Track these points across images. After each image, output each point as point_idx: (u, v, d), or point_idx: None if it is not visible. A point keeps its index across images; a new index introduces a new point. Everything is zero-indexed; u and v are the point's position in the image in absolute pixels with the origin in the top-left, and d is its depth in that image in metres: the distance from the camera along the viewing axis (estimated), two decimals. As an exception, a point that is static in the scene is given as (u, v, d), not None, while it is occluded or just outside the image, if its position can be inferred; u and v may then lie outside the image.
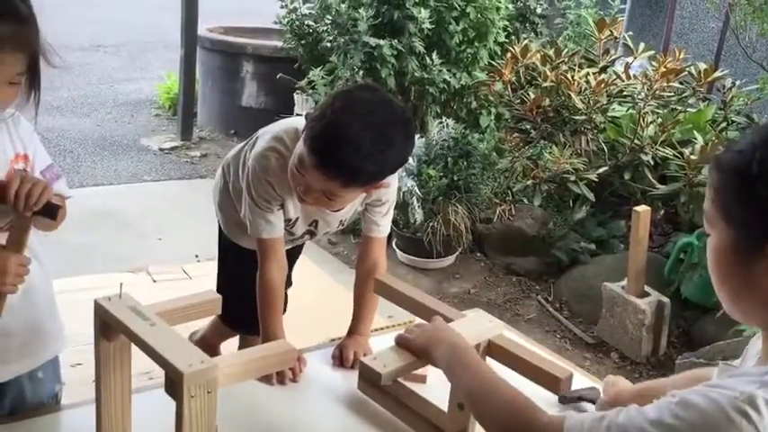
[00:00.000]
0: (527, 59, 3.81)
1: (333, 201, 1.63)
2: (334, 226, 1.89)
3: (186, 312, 1.30)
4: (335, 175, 1.53)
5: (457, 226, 3.75)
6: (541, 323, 3.53)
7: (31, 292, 1.45)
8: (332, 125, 1.50)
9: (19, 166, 1.41)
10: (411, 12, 4.31)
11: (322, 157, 1.51)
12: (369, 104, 1.55)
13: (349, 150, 1.49)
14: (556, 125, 3.73)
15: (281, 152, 1.68)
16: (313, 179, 1.56)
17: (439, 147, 3.91)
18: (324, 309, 3.16)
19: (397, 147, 1.56)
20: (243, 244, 2.00)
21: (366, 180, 1.59)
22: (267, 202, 1.71)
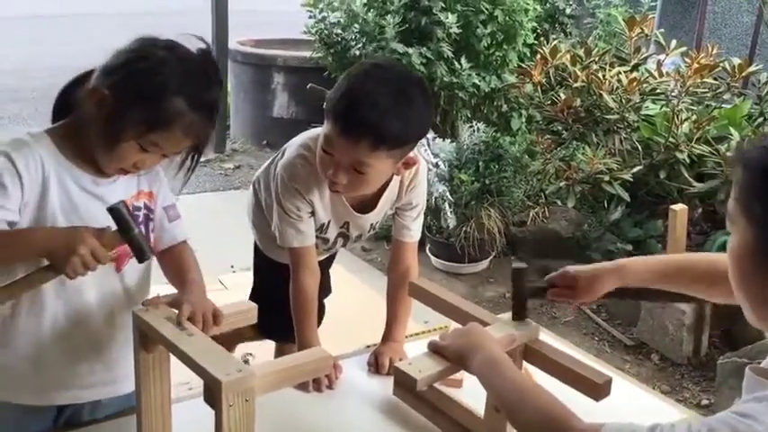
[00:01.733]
0: (557, 60, 3.78)
1: (364, 175, 1.58)
2: (366, 229, 1.88)
3: (226, 321, 1.31)
4: (360, 137, 1.51)
5: (490, 230, 3.74)
6: (579, 326, 3.49)
7: (108, 320, 1.46)
8: (349, 90, 1.53)
9: (139, 203, 1.45)
10: (438, 17, 4.31)
11: (343, 120, 1.52)
12: (381, 68, 1.60)
13: (369, 108, 1.50)
14: (588, 125, 3.69)
15: (307, 158, 1.69)
16: (341, 152, 1.55)
17: (470, 151, 3.90)
18: (358, 315, 3.17)
19: (417, 105, 1.55)
20: (278, 259, 2.00)
21: (392, 140, 1.54)
22: (297, 210, 1.71)
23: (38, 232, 1.30)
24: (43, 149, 1.34)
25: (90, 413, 1.53)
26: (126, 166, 1.36)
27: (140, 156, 1.34)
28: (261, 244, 2.09)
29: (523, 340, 1.35)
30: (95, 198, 1.38)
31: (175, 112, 1.30)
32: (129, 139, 1.31)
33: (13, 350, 1.40)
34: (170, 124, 1.30)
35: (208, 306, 1.34)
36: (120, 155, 1.33)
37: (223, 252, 3.69)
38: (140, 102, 1.29)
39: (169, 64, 1.31)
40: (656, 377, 3.10)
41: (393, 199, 1.79)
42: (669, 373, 3.12)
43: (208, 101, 1.35)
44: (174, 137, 1.33)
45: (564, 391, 1.35)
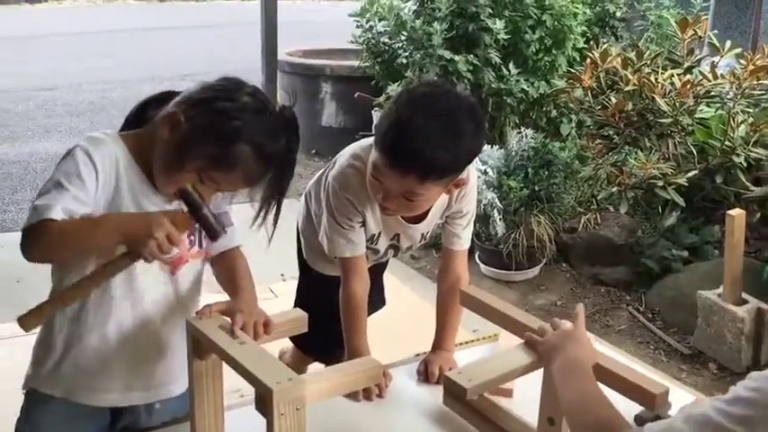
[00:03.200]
0: (607, 64, 3.72)
1: (414, 202, 1.59)
2: (417, 239, 1.88)
3: (276, 330, 1.32)
4: (409, 170, 1.51)
5: (540, 237, 3.69)
6: (633, 334, 3.42)
7: (166, 322, 1.49)
8: (397, 121, 1.51)
9: None
10: (486, 23, 4.29)
11: (392, 152, 1.51)
12: (431, 96, 1.56)
13: (418, 141, 1.48)
14: (640, 130, 3.62)
15: (358, 168, 1.69)
16: (390, 181, 1.55)
17: (518, 157, 3.86)
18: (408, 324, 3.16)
19: (467, 134, 1.53)
20: (323, 271, 2.01)
21: (442, 171, 1.54)
22: (349, 221, 1.71)
23: (115, 217, 1.34)
24: (118, 150, 1.39)
25: (146, 419, 1.55)
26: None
27: (195, 184, 1.38)
28: (307, 256, 2.09)
29: (576, 349, 1.33)
30: (152, 202, 1.42)
31: (241, 158, 1.35)
32: (191, 170, 1.36)
33: (83, 347, 1.44)
34: (233, 167, 1.36)
35: (259, 315, 1.36)
36: (178, 181, 1.37)
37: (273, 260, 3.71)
38: (213, 139, 1.35)
39: (250, 112, 1.37)
40: (715, 387, 3.01)
41: (443, 208, 1.78)
42: (728, 382, 3.02)
43: (274, 153, 1.39)
44: (233, 179, 1.38)
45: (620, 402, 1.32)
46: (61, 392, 1.47)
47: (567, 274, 3.96)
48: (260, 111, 1.38)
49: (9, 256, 3.69)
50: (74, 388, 1.47)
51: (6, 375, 1.88)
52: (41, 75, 8.89)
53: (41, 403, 1.49)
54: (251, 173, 1.38)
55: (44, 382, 1.48)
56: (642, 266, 3.71)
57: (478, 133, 1.58)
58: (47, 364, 1.47)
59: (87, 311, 1.43)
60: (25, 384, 1.51)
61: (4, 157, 5.86)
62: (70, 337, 1.44)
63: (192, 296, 1.54)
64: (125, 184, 1.38)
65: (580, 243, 3.95)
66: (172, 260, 1.43)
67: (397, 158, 1.51)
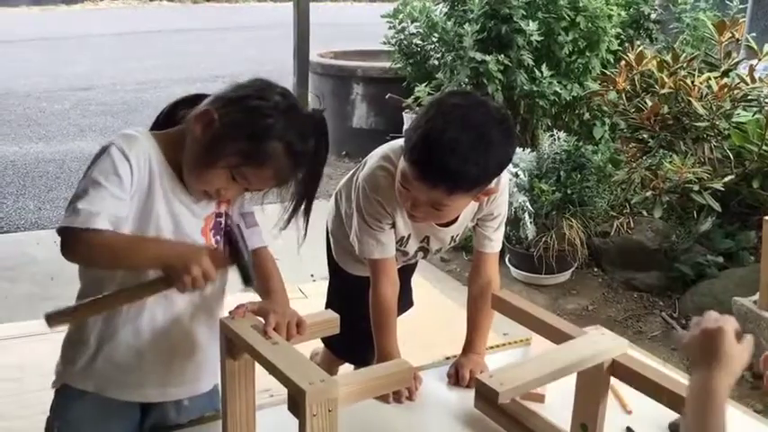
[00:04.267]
0: (642, 66, 3.67)
1: (442, 212, 1.60)
2: (447, 242, 1.87)
3: (308, 330, 1.33)
4: (438, 183, 1.51)
5: (572, 240, 3.66)
6: (667, 340, 3.37)
7: (194, 319, 1.50)
8: (427, 133, 1.50)
9: (221, 210, 1.50)
10: (519, 25, 4.26)
11: (421, 166, 1.51)
12: (461, 108, 1.53)
13: (446, 154, 1.47)
14: (676, 133, 3.57)
15: (388, 170, 1.69)
16: (418, 192, 1.55)
17: (551, 160, 3.83)
18: (438, 326, 3.15)
19: (497, 146, 1.52)
20: (353, 271, 2.01)
21: (470, 184, 1.55)
22: (378, 222, 1.72)
23: (158, 244, 1.36)
24: (151, 147, 1.41)
25: (176, 416, 1.56)
26: (210, 190, 1.41)
27: (226, 183, 1.40)
28: (337, 256, 2.09)
29: (611, 355, 1.31)
30: (181, 203, 1.44)
31: (272, 155, 1.37)
32: (222, 167, 1.37)
33: (117, 343, 1.45)
34: (264, 163, 1.37)
35: (292, 315, 1.37)
36: (208, 178, 1.39)
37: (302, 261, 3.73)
38: (245, 135, 1.36)
39: (281, 111, 1.38)
40: (750, 395, 2.95)
41: (474, 212, 1.77)
42: (763, 392, 2.96)
43: (302, 151, 1.40)
44: (263, 176, 1.40)
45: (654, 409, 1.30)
46: (94, 387, 1.48)
47: (599, 279, 3.92)
48: (291, 110, 1.40)
49: (45, 253, 3.79)
50: (107, 383, 1.48)
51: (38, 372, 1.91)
52: (76, 75, 9.04)
53: (73, 399, 1.51)
54: (281, 170, 1.39)
55: (77, 378, 1.49)
56: (676, 272, 3.66)
57: (509, 143, 1.57)
58: (80, 359, 1.48)
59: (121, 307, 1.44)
60: (56, 381, 1.53)
61: (39, 155, 5.97)
62: (104, 332, 1.45)
63: (218, 295, 1.55)
64: (157, 182, 1.40)
65: (613, 247, 3.91)
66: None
67: (425, 172, 1.51)
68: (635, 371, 1.29)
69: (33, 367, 2.71)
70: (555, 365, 1.28)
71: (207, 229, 1.48)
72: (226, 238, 1.31)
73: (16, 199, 5.01)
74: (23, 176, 5.46)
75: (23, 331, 2.96)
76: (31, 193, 5.12)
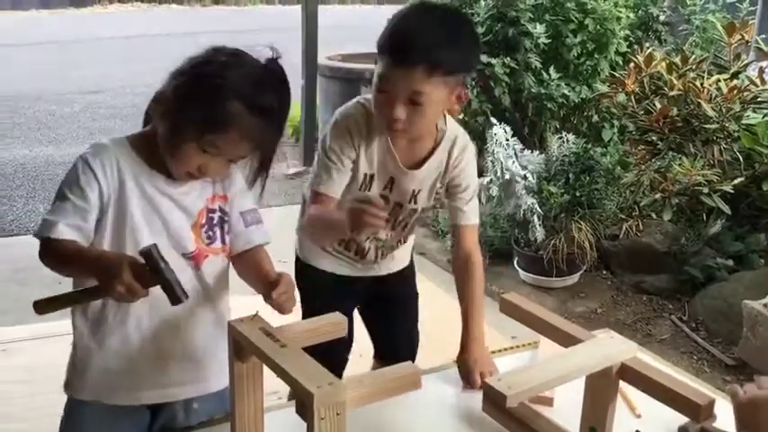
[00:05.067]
0: (651, 68, 3.67)
1: (421, 106, 1.58)
2: (407, 194, 1.79)
3: (315, 333, 1.33)
4: (415, 63, 1.53)
5: (581, 243, 3.65)
6: (676, 344, 3.36)
7: (193, 319, 1.50)
8: (396, 26, 1.58)
9: (214, 206, 1.50)
10: (526, 28, 4.26)
11: (396, 50, 1.56)
12: (426, 6, 1.67)
13: (419, 35, 1.54)
14: (685, 135, 3.56)
15: (364, 106, 1.71)
16: (396, 84, 1.56)
17: (559, 163, 3.82)
18: (445, 329, 3.14)
19: (465, 36, 1.62)
20: (322, 266, 1.95)
21: (446, 66, 1.56)
22: (339, 154, 1.70)
23: (90, 256, 1.35)
24: (120, 152, 1.41)
25: (184, 418, 1.56)
26: (191, 170, 1.40)
27: (202, 158, 1.38)
28: (307, 252, 1.99)
29: (620, 359, 1.30)
30: (169, 198, 1.44)
31: (232, 114, 1.34)
32: (189, 141, 1.36)
33: (106, 350, 1.46)
34: (226, 126, 1.34)
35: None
36: (182, 157, 1.38)
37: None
38: (199, 103, 1.34)
39: (231, 69, 1.36)
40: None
41: (441, 170, 1.77)
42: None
43: (267, 105, 1.37)
44: (231, 139, 1.36)
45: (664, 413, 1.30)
46: (90, 396, 1.49)
47: (608, 282, 3.91)
48: (243, 66, 1.38)
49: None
50: (102, 391, 1.49)
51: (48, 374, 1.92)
52: (86, 78, 9.09)
53: (79, 406, 1.51)
54: (249, 131, 1.36)
55: (74, 389, 1.51)
56: (686, 275, 3.64)
57: (475, 39, 1.71)
58: (73, 370, 1.50)
59: (106, 315, 1.45)
60: (65, 388, 1.54)
61: (49, 158, 6.00)
62: (92, 342, 1.46)
63: (220, 290, 1.54)
64: (129, 179, 1.40)
65: (622, 250, 3.89)
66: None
67: (402, 55, 1.54)
68: (644, 375, 1.29)
69: (43, 369, 2.73)
70: (564, 369, 1.27)
71: (198, 225, 1.47)
72: (143, 257, 1.25)
73: (26, 202, 5.03)
74: (33, 179, 5.50)
75: (33, 334, 2.98)
76: (41, 195, 5.15)
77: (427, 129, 1.72)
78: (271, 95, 1.38)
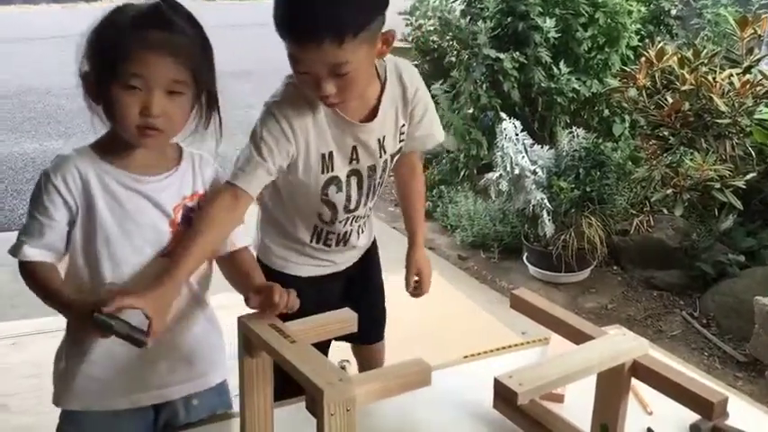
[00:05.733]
0: (663, 63, 3.63)
1: (348, 75, 1.45)
2: (376, 150, 1.68)
3: (325, 329, 1.32)
4: (322, 37, 1.39)
5: (591, 239, 3.63)
6: (687, 340, 3.34)
7: (182, 319, 1.49)
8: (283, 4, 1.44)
9: (193, 204, 1.46)
10: (536, 22, 4.24)
11: (297, 29, 1.42)
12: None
13: (308, 7, 1.40)
14: (697, 130, 3.53)
15: (295, 85, 1.56)
16: (313, 63, 1.44)
17: (569, 158, 3.80)
18: (455, 325, 3.14)
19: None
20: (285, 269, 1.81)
21: (353, 24, 1.41)
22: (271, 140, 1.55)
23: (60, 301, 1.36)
24: (81, 160, 1.40)
25: (185, 415, 1.55)
26: (136, 120, 1.35)
27: (136, 98, 1.33)
28: (264, 254, 1.83)
29: (632, 356, 1.29)
30: (141, 196, 1.41)
31: (129, 34, 1.32)
32: (112, 85, 1.33)
33: (91, 359, 1.43)
34: (128, 46, 1.31)
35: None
36: (119, 108, 1.34)
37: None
38: (102, 45, 1.35)
39: (121, 12, 1.36)
40: (771, 396, 2.92)
41: (398, 105, 1.68)
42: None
43: (163, 21, 1.35)
44: (141, 58, 1.32)
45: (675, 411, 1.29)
46: (81, 406, 1.47)
47: (619, 278, 3.89)
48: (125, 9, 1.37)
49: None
50: (92, 399, 1.46)
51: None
52: (96, 73, 9.10)
53: (74, 415, 1.49)
54: (154, 42, 1.32)
55: (65, 401, 1.48)
56: (697, 270, 3.62)
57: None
58: (61, 382, 1.48)
59: None
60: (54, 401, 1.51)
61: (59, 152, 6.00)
62: (77, 351, 1.45)
63: (204, 287, 1.52)
64: (95, 185, 1.38)
65: (632, 246, 3.87)
66: None
67: (304, 34, 1.41)
68: (656, 372, 1.27)
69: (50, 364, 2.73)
70: (575, 366, 1.26)
71: (175, 222, 1.43)
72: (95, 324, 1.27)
73: (36, 196, 5.05)
74: (43, 173, 5.51)
75: (39, 328, 2.99)
76: (50, 190, 5.16)
77: (365, 87, 1.58)
78: (164, 15, 1.35)
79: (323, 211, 1.73)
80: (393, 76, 1.68)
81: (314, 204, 1.71)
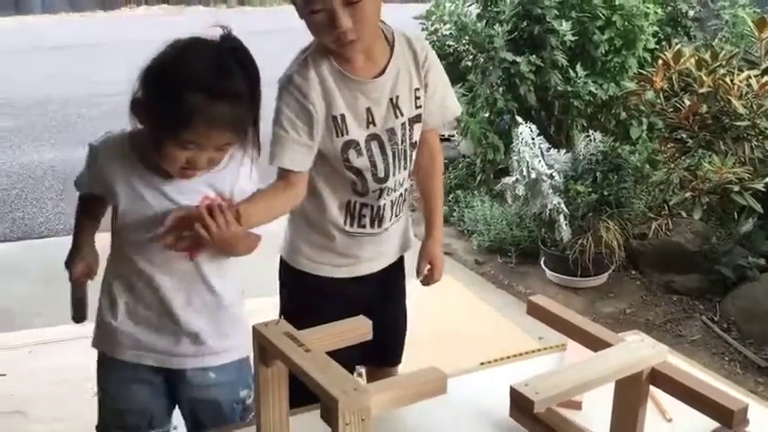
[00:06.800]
0: (680, 65, 3.61)
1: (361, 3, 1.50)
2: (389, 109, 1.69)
3: (340, 337, 1.32)
4: None
5: (609, 243, 3.60)
6: (707, 345, 3.30)
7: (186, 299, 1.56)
8: None
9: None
10: (552, 25, 4.22)
11: None
12: None
13: None
14: (715, 133, 3.49)
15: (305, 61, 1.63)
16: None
17: (586, 161, 3.78)
18: (472, 329, 3.13)
19: None
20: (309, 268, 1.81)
21: None
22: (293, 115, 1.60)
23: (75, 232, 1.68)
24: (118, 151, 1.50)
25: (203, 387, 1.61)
26: (183, 165, 1.41)
27: (186, 154, 1.39)
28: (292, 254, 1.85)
29: (651, 363, 1.28)
30: (163, 196, 1.47)
31: (194, 109, 1.33)
32: (167, 141, 1.37)
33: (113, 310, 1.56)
34: (191, 120, 1.34)
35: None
36: (168, 157, 1.40)
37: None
38: (163, 103, 1.36)
39: (186, 63, 1.37)
40: (794, 402, 2.88)
41: (411, 67, 1.71)
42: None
43: (228, 89, 1.37)
44: (202, 131, 1.36)
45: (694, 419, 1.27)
46: (101, 348, 1.59)
47: (637, 282, 3.86)
48: (198, 56, 1.37)
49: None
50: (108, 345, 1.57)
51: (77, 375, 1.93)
52: (112, 81, 9.14)
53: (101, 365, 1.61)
54: (216, 118, 1.35)
55: (95, 340, 1.61)
56: (717, 274, 3.58)
57: None
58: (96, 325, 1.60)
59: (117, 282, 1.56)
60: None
61: (79, 160, 6.04)
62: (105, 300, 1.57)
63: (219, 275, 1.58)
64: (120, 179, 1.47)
65: (651, 250, 3.84)
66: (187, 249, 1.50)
67: None
68: (675, 379, 1.26)
69: (73, 371, 2.75)
70: (592, 374, 1.25)
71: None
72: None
73: (56, 204, 5.10)
74: (63, 181, 5.56)
75: (63, 335, 3.01)
76: (70, 197, 5.18)
77: (375, 27, 1.63)
78: (229, 76, 1.38)
79: (352, 179, 1.71)
80: (402, 40, 1.73)
81: (340, 173, 1.71)
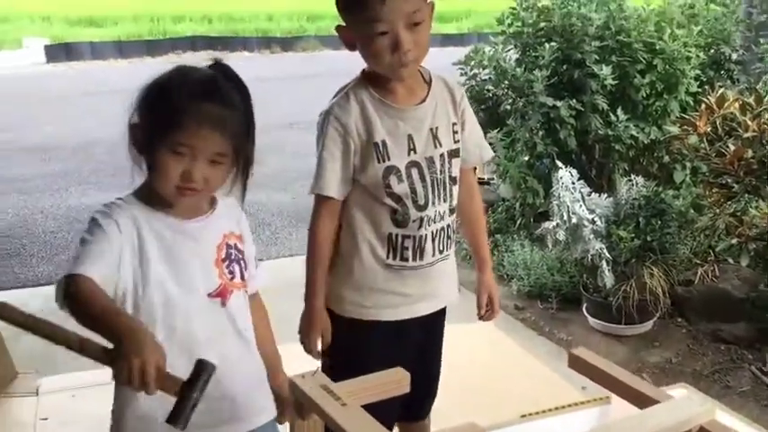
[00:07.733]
0: (724, 109, 3.55)
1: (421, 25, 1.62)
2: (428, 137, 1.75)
3: (376, 391, 1.30)
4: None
5: (653, 289, 3.52)
6: (757, 396, 3.18)
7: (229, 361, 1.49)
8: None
9: (231, 242, 1.54)
10: (592, 69, 4.21)
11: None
12: None
13: None
14: (761, 178, 3.42)
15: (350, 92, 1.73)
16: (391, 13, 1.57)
17: (628, 206, 3.73)
18: (511, 378, 3.06)
19: None
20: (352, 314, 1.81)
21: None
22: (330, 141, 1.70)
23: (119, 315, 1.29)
24: (132, 206, 1.45)
25: None
26: (178, 183, 1.41)
27: (180, 164, 1.40)
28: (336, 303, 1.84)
29: (698, 422, 1.23)
30: (185, 236, 1.47)
31: (183, 108, 1.38)
32: (159, 148, 1.40)
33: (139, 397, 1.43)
34: (182, 118, 1.38)
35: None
36: (162, 169, 1.41)
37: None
38: (156, 109, 1.42)
39: (177, 75, 1.44)
40: None
41: (448, 104, 1.79)
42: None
43: (216, 92, 1.41)
44: (192, 131, 1.38)
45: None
46: None
47: (683, 330, 3.75)
48: (188, 74, 1.44)
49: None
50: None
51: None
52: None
53: None
54: (205, 118, 1.39)
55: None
56: (766, 322, 3.47)
57: None
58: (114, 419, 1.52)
59: None
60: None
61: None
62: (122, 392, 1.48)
63: (248, 328, 1.56)
64: (145, 229, 1.43)
65: (697, 297, 3.74)
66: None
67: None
68: (724, 438, 1.21)
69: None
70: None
71: (219, 260, 1.50)
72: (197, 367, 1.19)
73: (100, 245, 5.18)
74: (108, 224, 5.66)
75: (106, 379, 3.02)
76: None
77: (427, 51, 1.70)
78: (219, 84, 1.43)
79: (393, 206, 1.74)
80: (438, 79, 1.82)
81: (381, 200, 1.74)
